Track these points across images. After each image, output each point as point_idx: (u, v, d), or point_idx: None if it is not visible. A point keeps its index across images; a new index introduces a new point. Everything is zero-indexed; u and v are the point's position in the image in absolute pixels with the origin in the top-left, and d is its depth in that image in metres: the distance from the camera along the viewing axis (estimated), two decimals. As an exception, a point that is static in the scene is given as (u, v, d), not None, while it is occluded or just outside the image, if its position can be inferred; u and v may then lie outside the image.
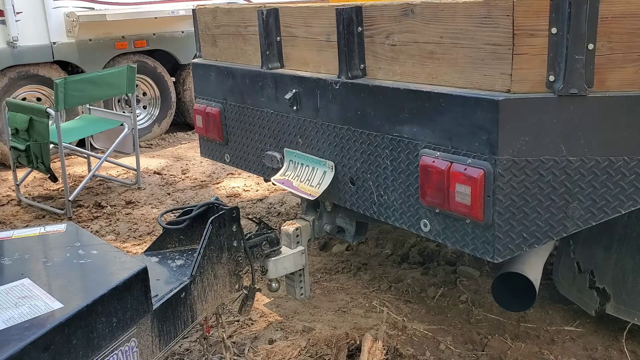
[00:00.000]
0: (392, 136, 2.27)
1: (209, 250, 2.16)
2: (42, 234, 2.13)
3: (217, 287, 2.21)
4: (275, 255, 2.54)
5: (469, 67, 2.00)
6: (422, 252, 3.67)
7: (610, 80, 1.90)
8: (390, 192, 2.33)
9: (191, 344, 2.82)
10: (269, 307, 3.14)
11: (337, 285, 3.34)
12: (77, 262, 1.90)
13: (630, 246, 2.54)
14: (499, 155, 1.90)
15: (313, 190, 2.65)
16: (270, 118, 2.91)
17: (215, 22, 3.28)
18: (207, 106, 3.35)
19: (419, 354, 2.66)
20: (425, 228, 2.22)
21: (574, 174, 1.95)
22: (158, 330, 1.89)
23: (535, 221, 1.98)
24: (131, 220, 4.53)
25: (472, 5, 1.93)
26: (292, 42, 2.76)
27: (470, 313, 3.01)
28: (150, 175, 5.67)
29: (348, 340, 2.64)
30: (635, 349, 2.66)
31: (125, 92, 5.27)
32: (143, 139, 6.64)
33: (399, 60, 2.25)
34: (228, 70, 3.17)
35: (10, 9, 5.74)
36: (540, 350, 2.69)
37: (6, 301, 1.65)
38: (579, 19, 1.80)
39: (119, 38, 6.47)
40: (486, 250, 2.02)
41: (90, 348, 1.61)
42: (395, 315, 2.99)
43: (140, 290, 1.79)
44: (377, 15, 2.29)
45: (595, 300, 2.66)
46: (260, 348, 2.77)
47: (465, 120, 1.98)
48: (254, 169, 3.18)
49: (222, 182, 5.34)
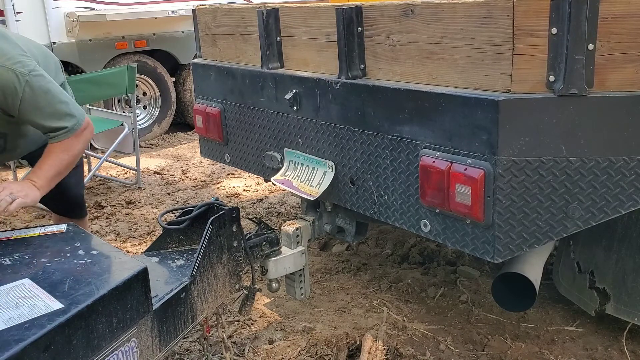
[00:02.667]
0: (392, 136, 2.27)
1: (209, 250, 2.16)
2: (42, 234, 2.14)
3: (217, 287, 2.21)
4: (276, 255, 2.55)
5: (469, 68, 2.00)
6: (422, 252, 3.67)
7: (611, 81, 1.90)
8: (390, 192, 2.33)
9: (191, 344, 2.82)
10: (269, 307, 3.14)
11: (337, 285, 3.35)
12: (77, 262, 1.90)
13: (630, 246, 2.54)
14: (499, 155, 1.90)
15: (313, 190, 2.65)
16: (271, 118, 2.91)
17: (215, 22, 3.28)
18: (207, 106, 3.35)
19: (419, 354, 2.66)
20: (425, 228, 2.22)
21: (574, 174, 1.95)
22: (158, 330, 1.89)
23: (536, 221, 1.98)
24: (131, 220, 4.53)
25: (472, 5, 1.93)
26: (292, 42, 2.76)
27: (470, 313, 3.01)
28: (150, 175, 5.67)
29: (348, 340, 2.64)
30: (635, 349, 2.66)
31: (125, 92, 5.27)
32: (143, 139, 6.63)
33: (399, 60, 2.24)
34: (228, 70, 3.17)
35: (10, 9, 5.74)
36: (540, 350, 2.69)
37: (6, 301, 1.65)
38: (579, 19, 1.80)
39: (119, 38, 6.47)
40: (486, 250, 2.02)
41: (90, 348, 1.61)
42: (395, 315, 2.99)
43: (140, 291, 1.79)
44: (377, 16, 2.29)
45: (595, 300, 2.66)
46: (260, 348, 2.77)
47: (465, 121, 1.98)
48: (254, 169, 3.18)
49: (222, 182, 5.34)
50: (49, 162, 2.25)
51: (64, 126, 2.26)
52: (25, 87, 2.15)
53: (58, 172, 2.27)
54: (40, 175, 2.22)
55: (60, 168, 2.27)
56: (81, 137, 2.33)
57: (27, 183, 2.19)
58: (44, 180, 2.21)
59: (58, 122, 2.26)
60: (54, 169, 2.25)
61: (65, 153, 2.28)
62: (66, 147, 2.28)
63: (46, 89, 2.22)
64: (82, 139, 2.34)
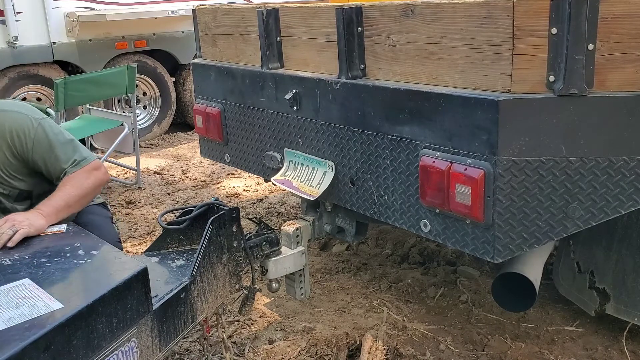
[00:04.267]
0: (392, 136, 2.27)
1: (209, 250, 2.16)
2: (42, 234, 2.14)
3: (217, 287, 2.21)
4: (276, 255, 2.55)
5: (469, 68, 2.00)
6: (422, 252, 3.67)
7: (610, 81, 1.90)
8: (390, 193, 2.33)
9: (191, 344, 2.82)
10: (269, 307, 3.14)
11: (337, 285, 3.35)
12: (77, 262, 1.90)
13: (630, 246, 2.54)
14: (499, 155, 1.90)
15: (313, 190, 2.65)
16: (271, 118, 2.91)
17: (215, 23, 3.28)
18: (207, 106, 3.35)
19: (419, 354, 2.66)
20: (425, 228, 2.22)
21: (574, 174, 1.94)
22: (158, 330, 1.89)
23: (536, 221, 1.98)
24: (131, 220, 4.53)
25: (472, 5, 1.93)
26: (292, 43, 2.76)
27: (470, 313, 3.01)
28: (150, 175, 5.67)
29: (348, 340, 2.64)
30: (635, 349, 2.66)
31: (125, 92, 5.27)
32: (143, 139, 6.63)
33: (399, 60, 2.25)
34: (228, 70, 3.17)
35: (10, 9, 5.74)
36: (540, 350, 2.69)
37: (6, 301, 1.65)
38: (579, 19, 1.80)
39: (119, 38, 6.47)
40: (486, 250, 2.02)
41: (90, 348, 1.61)
42: (395, 315, 2.99)
43: (140, 291, 1.79)
44: (377, 16, 2.29)
45: (595, 300, 2.66)
46: (260, 348, 2.77)
47: (466, 121, 1.98)
48: (254, 169, 3.18)
49: (222, 182, 5.34)
50: (59, 194, 2.31)
51: (73, 159, 2.37)
52: (38, 127, 2.35)
53: (67, 204, 2.30)
54: (48, 204, 2.25)
55: (69, 200, 2.31)
56: (92, 175, 2.40)
57: (34, 212, 2.23)
58: (51, 209, 2.24)
59: (68, 156, 2.37)
60: (63, 201, 2.29)
61: (75, 189, 2.34)
62: (76, 182, 2.34)
63: (57, 129, 2.43)
64: (93, 178, 2.40)
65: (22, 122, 2.34)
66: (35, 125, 2.35)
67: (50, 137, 2.36)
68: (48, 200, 2.28)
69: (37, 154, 2.34)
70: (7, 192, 2.39)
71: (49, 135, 2.36)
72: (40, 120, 2.38)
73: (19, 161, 2.35)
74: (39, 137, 2.34)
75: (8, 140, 2.31)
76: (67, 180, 2.34)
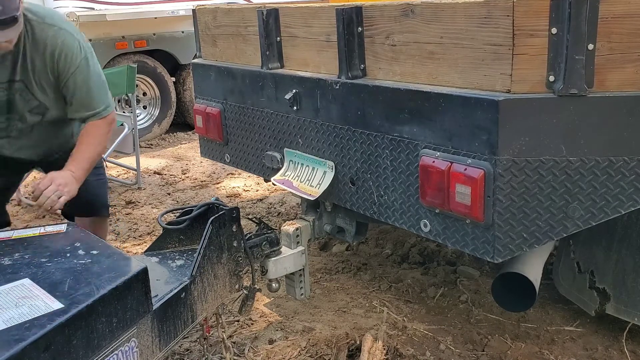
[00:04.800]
0: (392, 136, 2.27)
1: (209, 250, 2.16)
2: (42, 234, 2.14)
3: (217, 287, 2.21)
4: (275, 255, 2.55)
5: (469, 68, 2.00)
6: (422, 252, 3.67)
7: (610, 81, 1.90)
8: (390, 192, 2.33)
9: (191, 344, 2.82)
10: (269, 307, 3.14)
11: (337, 285, 3.35)
12: (77, 262, 1.90)
13: (630, 246, 2.54)
14: (499, 155, 1.90)
15: (313, 190, 2.65)
16: (271, 118, 2.91)
17: (215, 23, 3.28)
18: (207, 106, 3.35)
19: (419, 354, 2.66)
20: (425, 228, 2.22)
21: (574, 174, 1.95)
22: (158, 330, 1.89)
23: (536, 221, 1.98)
24: (131, 220, 4.53)
25: (472, 5, 1.93)
26: (292, 43, 2.76)
27: (470, 313, 3.01)
28: (150, 175, 5.67)
29: (348, 340, 2.64)
30: (635, 349, 2.66)
31: (125, 92, 5.27)
32: (143, 139, 6.63)
33: (399, 60, 2.25)
34: (228, 70, 3.17)
35: (11, 9, 5.73)
36: (540, 350, 2.69)
37: (6, 301, 1.65)
38: (579, 19, 1.80)
39: (119, 38, 6.46)
40: (486, 250, 2.02)
41: (90, 348, 1.61)
42: (395, 315, 2.99)
43: (140, 291, 1.79)
44: (377, 16, 2.29)
45: (595, 300, 2.66)
46: (260, 348, 2.77)
47: (465, 121, 1.98)
48: (254, 169, 3.18)
49: (222, 182, 5.34)
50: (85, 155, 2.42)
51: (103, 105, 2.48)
52: (83, 59, 2.43)
53: (91, 164, 2.44)
54: (78, 166, 2.37)
55: (94, 160, 2.45)
56: (109, 128, 2.52)
57: (68, 174, 2.33)
58: (81, 172, 2.37)
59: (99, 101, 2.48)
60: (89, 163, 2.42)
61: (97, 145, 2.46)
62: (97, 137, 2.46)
63: (98, 68, 2.53)
64: (109, 129, 2.52)
65: (73, 46, 2.41)
66: (82, 55, 2.43)
67: (91, 72, 2.46)
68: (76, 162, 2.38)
69: (72, 81, 2.43)
70: (27, 99, 2.46)
71: (90, 70, 2.46)
72: (87, 51, 2.46)
73: (54, 78, 2.43)
74: (82, 67, 2.43)
75: (55, 57, 2.38)
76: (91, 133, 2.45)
